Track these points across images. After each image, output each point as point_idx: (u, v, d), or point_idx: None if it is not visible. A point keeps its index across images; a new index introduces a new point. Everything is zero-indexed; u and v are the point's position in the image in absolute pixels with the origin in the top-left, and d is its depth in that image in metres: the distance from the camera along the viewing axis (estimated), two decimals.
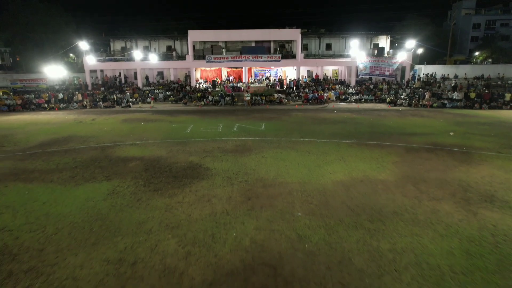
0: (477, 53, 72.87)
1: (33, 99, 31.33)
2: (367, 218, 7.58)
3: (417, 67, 47.93)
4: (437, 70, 45.67)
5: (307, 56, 37.50)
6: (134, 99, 33.26)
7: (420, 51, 57.83)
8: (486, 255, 6.06)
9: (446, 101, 29.47)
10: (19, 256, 6.17)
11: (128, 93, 33.98)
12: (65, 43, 61.55)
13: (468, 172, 10.75)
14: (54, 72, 30.44)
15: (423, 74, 41.43)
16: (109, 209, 8.23)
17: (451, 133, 16.89)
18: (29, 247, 6.49)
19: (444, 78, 39.63)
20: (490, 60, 73.21)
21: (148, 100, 33.25)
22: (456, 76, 43.09)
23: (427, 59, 59.03)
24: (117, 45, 40.77)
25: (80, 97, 32.38)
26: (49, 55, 60.73)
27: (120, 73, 39.04)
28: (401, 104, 30.47)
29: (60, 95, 32.94)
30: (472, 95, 29.49)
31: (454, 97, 29.63)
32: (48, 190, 9.55)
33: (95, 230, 7.14)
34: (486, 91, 30.28)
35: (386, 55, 37.76)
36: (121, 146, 14.82)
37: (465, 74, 44.00)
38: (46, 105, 30.40)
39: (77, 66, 64.61)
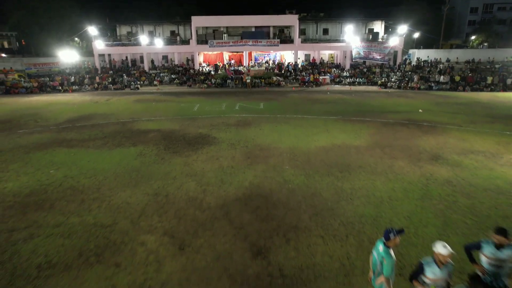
0: (473, 37, 74.02)
1: (48, 82, 33.57)
2: (338, 170, 10.01)
3: (411, 51, 49.68)
4: (430, 54, 47.44)
5: (305, 40, 39.41)
6: (141, 82, 35.46)
7: (416, 35, 59.44)
8: (416, 191, 8.50)
9: (433, 84, 31.65)
10: (84, 192, 8.64)
11: (136, 76, 36.21)
12: (70, 27, 63.21)
13: (427, 140, 13.14)
14: (68, 56, 32.50)
15: (416, 58, 43.36)
16: (140, 165, 10.67)
17: (420, 110, 19.23)
18: (90, 187, 8.96)
19: (436, 62, 41.60)
20: (486, 44, 74.41)
21: (155, 82, 35.46)
22: (448, 60, 44.92)
23: (424, 43, 60.63)
24: (123, 30, 42.57)
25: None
26: (54, 39, 62.56)
27: (126, 57, 41.06)
28: (391, 87, 32.65)
29: (72, 78, 35.16)
30: (457, 78, 31.58)
31: (440, 80, 31.76)
32: (89, 153, 12.00)
33: (133, 177, 9.60)
34: (470, 74, 32.39)
35: (380, 40, 39.63)
36: (139, 122, 17.20)
37: (457, 58, 45.85)
38: (60, 87, 32.67)
39: (82, 50, 66.36)
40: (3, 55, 65.13)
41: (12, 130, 15.79)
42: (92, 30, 37.59)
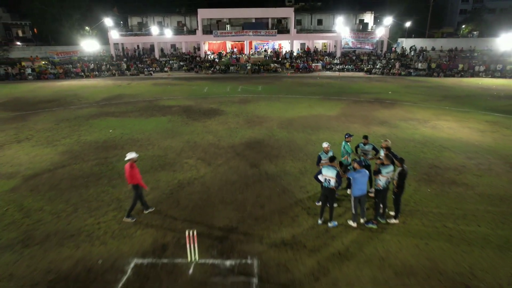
0: (463, 26, 77.24)
1: (71, 69, 37.76)
2: (310, 129, 14.40)
3: (400, 40, 53.44)
4: (417, 43, 51.23)
5: (300, 30, 43.35)
6: (153, 69, 39.61)
7: (408, 24, 63.01)
8: (360, 140, 12.87)
9: (411, 70, 35.76)
10: (140, 141, 13.08)
11: (148, 63, 40.37)
12: (80, 16, 66.94)
13: (383, 112, 17.48)
14: (89, 45, 36.54)
15: (402, 46, 47.26)
16: (172, 126, 15.07)
17: (390, 92, 23.52)
18: (142, 139, 13.38)
19: (421, 50, 45.56)
20: (476, 32, 77.86)
21: (165, 69, 39.63)
22: (433, 49, 48.83)
23: (417, 31, 64.16)
24: (134, 20, 46.46)
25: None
26: (65, 27, 66.49)
27: (138, 45, 45.09)
28: (375, 73, 36.77)
29: (91, 65, 39.32)
30: (433, 65, 35.67)
31: (418, 67, 35.85)
32: (132, 120, 16.39)
33: (170, 133, 14.00)
34: (444, 62, 36.48)
35: (369, 29, 43.52)
36: (161, 100, 21.53)
37: (441, 46, 49.74)
38: (82, 73, 36.88)
39: (92, 37, 70.02)
40: (18, 43, 69.06)
41: (65, 106, 20.15)
42: (107, 21, 41.53)
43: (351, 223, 7.14)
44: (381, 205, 7.24)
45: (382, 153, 7.69)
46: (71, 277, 5.70)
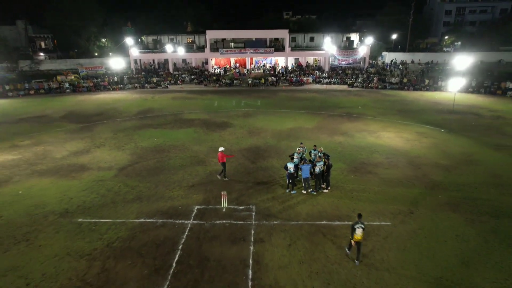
0: (446, 37, 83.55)
1: (99, 82, 44.41)
2: (292, 138, 21.02)
3: (384, 53, 60.00)
4: (398, 56, 57.83)
5: (295, 47, 50.07)
6: (168, 81, 46.25)
7: (394, 36, 69.57)
8: (323, 145, 19.45)
9: (387, 84, 42.35)
10: (178, 146, 19.73)
11: (163, 76, 47.06)
12: (96, 29, 73.88)
13: (347, 125, 24.09)
14: (116, 63, 43.21)
15: (380, 61, 53.87)
16: (197, 136, 21.71)
17: (359, 107, 30.15)
18: (179, 145, 19.99)
19: (401, 63, 52.22)
20: (458, 43, 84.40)
21: (178, 82, 46.27)
22: (412, 61, 55.44)
23: (404, 43, 70.72)
24: (149, 38, 53.11)
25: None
26: (83, 39, 73.48)
27: (153, 60, 51.77)
28: (356, 86, 43.37)
29: (115, 78, 45.95)
30: (405, 80, 42.27)
31: (392, 81, 42.45)
32: (167, 131, 23.02)
33: (196, 141, 20.63)
34: (414, 77, 43.09)
35: (355, 46, 50.13)
36: (184, 114, 28.18)
37: (419, 60, 56.33)
38: (109, 87, 43.54)
39: (106, 49, 76.86)
40: (41, 54, 75.69)
41: (112, 119, 26.83)
42: (128, 40, 48.23)
43: (303, 191, 13.72)
44: (319, 182, 13.83)
45: (320, 154, 14.27)
46: (166, 213, 12.30)
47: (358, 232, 9.13)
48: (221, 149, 14.95)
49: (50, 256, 9.80)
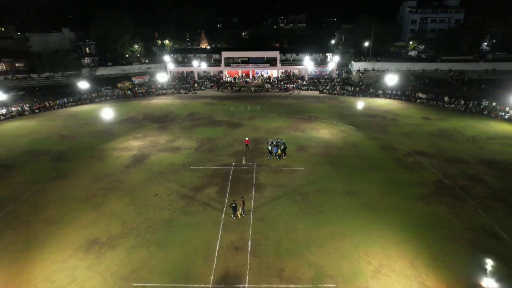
0: (411, 42, 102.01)
1: (149, 89, 63.93)
2: (271, 133, 41.06)
3: (352, 63, 78.93)
4: (362, 66, 76.99)
5: (284, 61, 69.35)
6: (195, 87, 65.76)
7: (366, 43, 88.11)
8: (288, 139, 39.46)
9: (345, 91, 61.79)
10: (220, 138, 39.90)
11: (191, 84, 66.63)
12: (129, 37, 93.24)
13: (306, 125, 44.08)
14: (161, 77, 62.71)
15: (344, 73, 73.10)
16: (226, 132, 41.87)
17: (317, 112, 49.91)
18: (220, 137, 40.16)
19: (363, 72, 71.59)
20: (421, 46, 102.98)
21: (203, 87, 65.82)
22: (373, 69, 74.73)
23: (377, 48, 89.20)
24: (179, 56, 72.20)
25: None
26: (119, 45, 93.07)
27: (183, 71, 71.10)
28: (325, 92, 62.79)
29: (158, 85, 65.46)
30: (357, 88, 61.65)
31: (348, 89, 61.89)
32: (209, 129, 43.08)
33: (226, 135, 40.81)
34: (363, 86, 62.49)
35: (328, 61, 69.32)
36: (214, 117, 48.08)
37: (378, 68, 75.51)
38: (156, 92, 63.09)
39: (137, 53, 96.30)
40: (87, 58, 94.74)
41: (173, 120, 46.72)
42: (166, 58, 67.53)
43: (274, 158, 33.88)
44: (281, 154, 33.96)
45: (281, 141, 34.36)
46: (222, 164, 32.50)
47: (269, 147, 29.43)
48: (246, 138, 35.00)
49: (188, 178, 30.06)
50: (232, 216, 23.70)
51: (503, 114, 46.43)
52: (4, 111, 48.99)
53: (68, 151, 36.63)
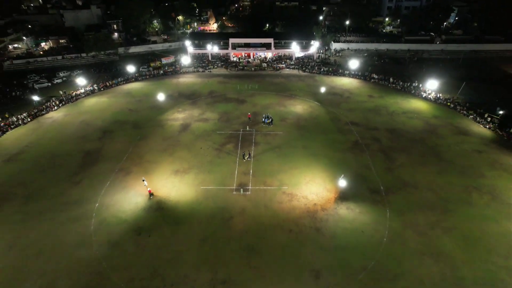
0: (387, 19, 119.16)
1: (175, 68, 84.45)
2: (266, 107, 63.27)
3: (332, 43, 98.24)
4: (339, 46, 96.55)
5: (277, 45, 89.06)
6: (210, 66, 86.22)
7: (347, 22, 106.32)
8: (274, 114, 61.72)
9: (321, 70, 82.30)
10: (232, 112, 62.12)
11: (206, 63, 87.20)
12: (149, 16, 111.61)
13: (287, 101, 66.08)
14: (185, 59, 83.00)
15: (325, 49, 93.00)
16: (235, 107, 64.02)
17: (298, 90, 71.41)
18: (232, 111, 62.40)
19: (341, 50, 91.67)
20: (395, 23, 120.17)
21: (215, 66, 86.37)
22: (348, 49, 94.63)
23: (356, 28, 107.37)
24: (195, 42, 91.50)
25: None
26: (141, 23, 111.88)
27: (199, 53, 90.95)
28: (307, 71, 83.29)
29: (182, 64, 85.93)
30: (330, 69, 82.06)
31: (323, 69, 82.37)
32: (225, 104, 65.28)
33: (236, 110, 63.01)
34: (335, 66, 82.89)
35: (311, 44, 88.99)
36: (226, 94, 69.87)
37: (350, 47, 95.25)
38: (181, 71, 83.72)
39: (159, 30, 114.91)
40: (116, 34, 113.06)
41: (199, 97, 68.54)
42: (187, 43, 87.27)
43: (266, 125, 56.43)
44: (270, 123, 56.49)
45: (269, 115, 56.81)
46: (235, 130, 55.27)
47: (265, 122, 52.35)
48: (249, 113, 57.30)
49: (216, 138, 52.99)
50: (243, 159, 47.04)
51: (422, 93, 68.10)
52: (82, 90, 70.61)
53: (139, 121, 59.17)
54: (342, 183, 39.49)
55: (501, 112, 56.19)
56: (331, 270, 30.98)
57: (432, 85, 65.52)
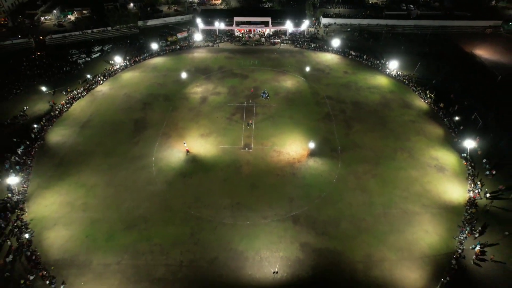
0: None
1: (189, 43, 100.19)
2: (265, 82, 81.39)
3: (321, 19, 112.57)
4: (327, 21, 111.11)
5: (273, 23, 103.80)
6: (218, 40, 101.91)
7: None
8: (268, 88, 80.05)
9: (309, 46, 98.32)
10: (240, 85, 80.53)
11: (214, 37, 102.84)
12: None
13: (280, 77, 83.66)
14: (197, 36, 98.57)
15: (316, 24, 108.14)
16: (240, 82, 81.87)
17: (289, 66, 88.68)
18: (239, 86, 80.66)
19: (329, 24, 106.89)
20: None
21: (222, 41, 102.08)
22: (335, 23, 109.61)
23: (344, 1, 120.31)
24: (204, 20, 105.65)
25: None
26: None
27: (208, 29, 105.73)
28: (299, 47, 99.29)
29: (195, 39, 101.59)
30: (317, 45, 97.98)
31: (312, 45, 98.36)
32: (231, 79, 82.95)
33: (242, 84, 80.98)
34: (322, 42, 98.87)
35: (303, 22, 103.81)
36: (233, 70, 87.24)
37: (336, 22, 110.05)
38: (193, 45, 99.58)
39: (170, 7, 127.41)
40: (131, 4, 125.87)
41: (212, 72, 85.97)
42: (198, 21, 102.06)
43: (263, 98, 75.27)
44: (267, 96, 75.30)
45: (266, 91, 75.48)
46: (241, 102, 74.37)
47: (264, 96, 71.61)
48: (251, 88, 75.63)
49: (227, 109, 72.18)
50: (247, 126, 66.89)
51: (387, 70, 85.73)
52: (118, 66, 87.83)
53: (168, 94, 77.62)
54: (312, 145, 59.79)
55: (434, 92, 74.54)
56: (300, 198, 52.51)
57: (393, 65, 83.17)
